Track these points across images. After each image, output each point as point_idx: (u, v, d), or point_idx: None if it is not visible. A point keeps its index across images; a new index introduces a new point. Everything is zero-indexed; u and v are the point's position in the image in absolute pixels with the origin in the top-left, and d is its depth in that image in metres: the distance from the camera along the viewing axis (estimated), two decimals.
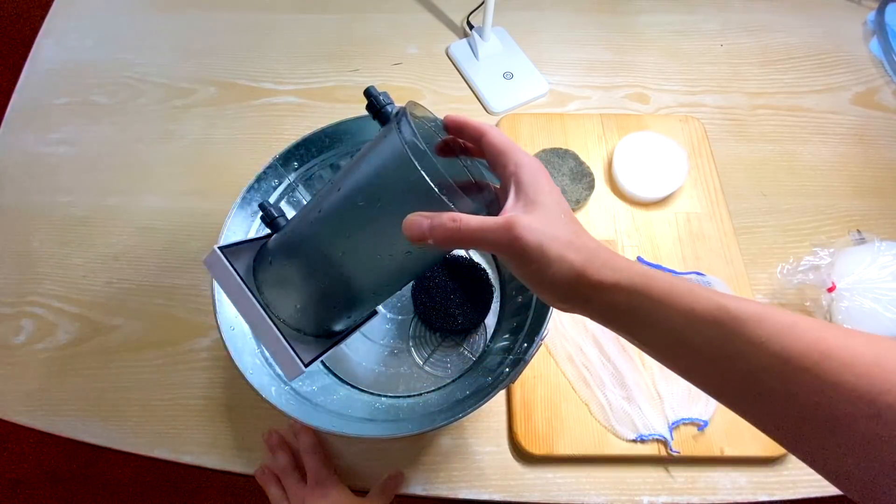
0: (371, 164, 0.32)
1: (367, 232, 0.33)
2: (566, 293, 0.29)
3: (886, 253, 0.54)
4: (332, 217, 0.34)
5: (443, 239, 0.28)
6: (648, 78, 0.75)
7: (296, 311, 0.38)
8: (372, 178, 0.32)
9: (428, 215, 0.28)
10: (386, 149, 0.31)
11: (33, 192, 0.66)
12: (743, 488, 0.50)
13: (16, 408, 0.54)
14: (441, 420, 0.40)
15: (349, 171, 0.34)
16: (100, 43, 0.78)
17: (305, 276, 0.37)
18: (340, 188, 0.33)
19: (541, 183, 0.30)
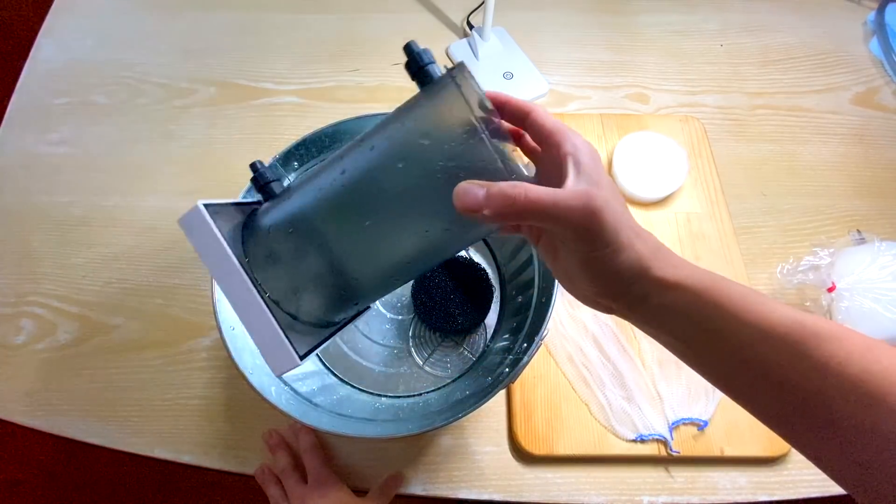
0: (418, 122, 0.28)
1: (403, 200, 0.29)
2: (624, 287, 0.27)
3: (886, 253, 0.54)
4: (361, 180, 0.29)
5: (501, 209, 0.25)
6: (648, 78, 0.75)
7: (293, 292, 0.32)
8: (417, 137, 0.28)
9: (483, 184, 0.25)
10: (439, 107, 0.27)
11: (33, 192, 0.66)
12: (743, 488, 0.50)
13: (16, 408, 0.54)
14: (441, 420, 0.40)
15: (384, 128, 0.30)
16: (100, 43, 0.78)
17: (316, 249, 0.31)
18: (374, 147, 0.29)
19: (599, 167, 0.27)
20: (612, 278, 0.27)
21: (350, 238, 0.31)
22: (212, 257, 0.31)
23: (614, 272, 0.26)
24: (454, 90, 0.27)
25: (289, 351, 0.30)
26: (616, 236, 0.25)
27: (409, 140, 0.28)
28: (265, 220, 0.33)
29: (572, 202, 0.24)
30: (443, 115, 0.27)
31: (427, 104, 0.28)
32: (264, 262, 0.31)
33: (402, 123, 0.29)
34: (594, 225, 0.25)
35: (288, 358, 0.30)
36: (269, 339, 0.30)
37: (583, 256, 0.27)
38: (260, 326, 0.30)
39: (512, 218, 0.25)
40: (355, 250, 0.31)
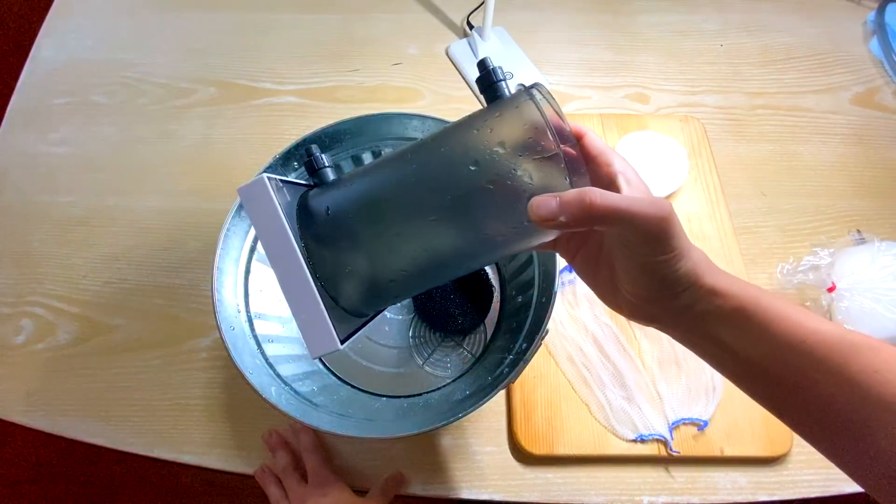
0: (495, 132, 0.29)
1: (470, 201, 0.30)
2: (675, 293, 0.28)
3: (886, 253, 0.54)
4: (431, 176, 0.30)
5: (578, 214, 0.26)
6: (648, 78, 0.75)
7: (340, 277, 0.32)
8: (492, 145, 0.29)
9: (554, 195, 0.27)
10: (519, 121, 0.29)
11: (33, 192, 0.66)
12: (743, 488, 0.50)
13: (16, 408, 0.54)
14: (441, 420, 0.40)
15: (455, 133, 0.31)
16: (100, 43, 0.78)
17: (373, 239, 0.32)
18: (446, 148, 0.30)
19: (644, 185, 0.30)
20: (667, 283, 0.28)
21: (409, 232, 0.31)
22: (267, 230, 0.31)
23: (672, 278, 0.28)
24: (534, 108, 0.28)
25: (331, 333, 0.30)
26: (679, 242, 0.27)
27: (483, 147, 0.29)
28: (323, 204, 0.33)
29: (648, 208, 0.26)
30: (522, 129, 0.29)
31: (506, 116, 0.30)
32: (316, 244, 0.32)
33: (478, 130, 0.30)
34: (666, 229, 0.26)
35: (329, 340, 0.30)
36: (313, 319, 0.31)
37: (644, 261, 0.28)
38: (305, 305, 0.31)
39: (586, 222, 0.26)
40: (412, 244, 0.31)
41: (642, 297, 0.30)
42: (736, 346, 0.28)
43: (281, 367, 0.46)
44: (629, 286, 0.30)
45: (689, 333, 0.30)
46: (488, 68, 0.31)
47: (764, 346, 0.27)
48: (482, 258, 0.34)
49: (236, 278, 0.46)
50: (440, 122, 0.49)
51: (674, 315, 0.29)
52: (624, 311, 0.32)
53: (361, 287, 0.33)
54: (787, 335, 0.27)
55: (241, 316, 0.45)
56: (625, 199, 0.26)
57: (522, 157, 0.28)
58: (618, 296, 0.31)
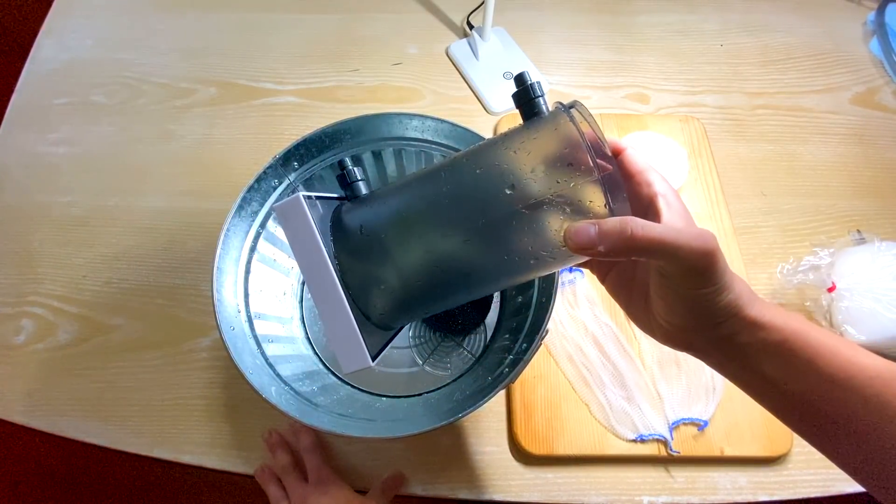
0: (532, 154, 0.29)
1: (507, 226, 0.29)
2: (715, 324, 0.28)
3: (886, 253, 0.54)
4: (468, 196, 0.30)
5: (617, 245, 0.25)
6: (648, 78, 0.75)
7: (374, 291, 0.32)
8: (529, 168, 0.28)
9: (592, 221, 0.26)
10: (556, 143, 0.28)
11: (33, 192, 0.66)
12: (743, 488, 0.50)
13: (16, 408, 0.54)
14: (441, 420, 0.40)
15: (491, 151, 0.30)
16: (100, 43, 0.78)
17: (408, 256, 0.32)
18: (480, 170, 0.30)
19: (685, 209, 0.29)
20: (707, 315, 0.27)
21: (441, 252, 0.31)
22: (303, 248, 0.31)
23: (713, 310, 0.27)
24: (574, 130, 0.27)
25: (363, 350, 0.31)
26: (723, 276, 0.26)
27: (520, 170, 0.29)
28: (357, 221, 0.33)
29: (693, 242, 0.25)
30: (561, 152, 0.28)
31: (544, 138, 0.29)
32: (349, 259, 0.32)
33: (515, 152, 0.29)
34: (711, 265, 0.26)
35: (360, 357, 0.31)
36: (346, 337, 0.31)
37: (685, 293, 0.27)
38: (338, 322, 0.31)
39: (625, 253, 0.26)
40: (443, 265, 0.31)
41: (679, 326, 0.29)
42: (779, 379, 0.28)
43: (281, 367, 0.46)
44: (665, 314, 0.29)
45: (728, 364, 0.29)
46: (526, 83, 0.30)
47: (809, 380, 0.27)
48: (514, 279, 0.34)
49: (236, 278, 0.46)
50: (440, 122, 0.49)
51: (712, 345, 0.29)
52: (658, 337, 0.31)
53: (391, 303, 0.33)
54: (835, 370, 0.26)
55: (241, 316, 0.45)
56: (668, 231, 0.25)
57: (560, 181, 0.27)
58: (652, 321, 0.30)
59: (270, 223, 0.50)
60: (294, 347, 0.52)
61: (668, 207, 0.28)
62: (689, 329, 0.29)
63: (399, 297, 0.33)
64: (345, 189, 0.36)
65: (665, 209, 0.28)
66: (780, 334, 0.27)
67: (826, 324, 0.55)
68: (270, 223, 0.50)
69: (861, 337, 0.52)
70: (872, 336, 0.52)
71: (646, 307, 0.31)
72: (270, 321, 0.49)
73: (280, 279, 0.53)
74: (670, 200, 0.28)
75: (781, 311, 0.28)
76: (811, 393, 0.27)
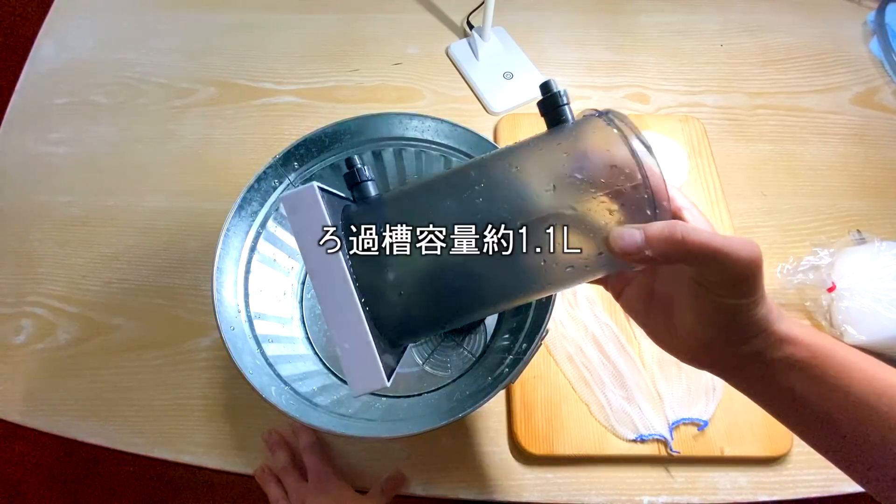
0: (571, 155, 0.28)
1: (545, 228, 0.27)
2: (745, 339, 0.27)
3: (886, 253, 0.54)
4: (501, 198, 0.28)
5: (666, 249, 0.25)
6: (648, 78, 0.75)
7: (390, 302, 0.29)
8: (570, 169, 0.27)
9: (638, 226, 0.25)
10: (599, 145, 0.27)
11: (33, 192, 0.66)
12: (743, 488, 0.50)
13: (16, 408, 0.54)
14: (441, 420, 0.40)
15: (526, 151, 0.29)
16: (100, 43, 0.78)
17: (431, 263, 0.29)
18: (516, 168, 0.28)
19: (710, 222, 0.29)
20: (739, 328, 0.27)
21: (474, 257, 0.28)
22: (312, 246, 0.28)
23: (746, 322, 0.26)
24: (616, 134, 0.27)
25: (378, 370, 0.27)
26: (763, 287, 0.26)
27: (561, 170, 0.28)
28: (373, 223, 0.30)
29: (741, 248, 0.24)
30: (604, 155, 0.27)
31: (585, 141, 0.28)
32: (361, 265, 0.28)
33: (553, 154, 0.28)
34: (755, 272, 0.25)
35: (374, 376, 0.27)
36: (359, 353, 0.27)
37: (722, 302, 0.26)
38: (351, 335, 0.27)
39: (674, 258, 0.25)
40: (472, 273, 0.29)
41: (704, 341, 0.28)
42: (806, 396, 0.27)
43: (281, 367, 0.46)
44: (693, 329, 0.28)
45: (754, 381, 0.29)
46: (553, 91, 0.29)
47: (837, 398, 0.26)
48: (545, 290, 0.31)
49: (236, 278, 0.46)
50: (440, 122, 0.49)
51: (738, 361, 0.28)
52: (681, 354, 0.30)
53: (410, 316, 0.30)
54: (864, 388, 0.26)
55: (241, 316, 0.45)
56: (717, 237, 0.24)
57: (603, 184, 0.26)
58: (674, 337, 0.29)
59: (270, 223, 0.50)
60: (294, 347, 0.52)
61: (693, 220, 0.28)
62: (717, 343, 0.28)
63: (420, 310, 0.30)
64: (352, 189, 0.33)
65: (692, 221, 0.28)
66: (808, 350, 0.27)
67: (826, 324, 0.55)
68: (270, 223, 0.50)
69: (861, 337, 0.52)
70: (872, 336, 0.52)
71: (667, 323, 0.30)
72: (270, 321, 0.49)
73: (280, 279, 0.53)
74: (695, 214, 0.28)
75: (809, 327, 0.28)
76: (838, 412, 0.26)
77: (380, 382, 0.27)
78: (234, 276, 0.46)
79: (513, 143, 0.30)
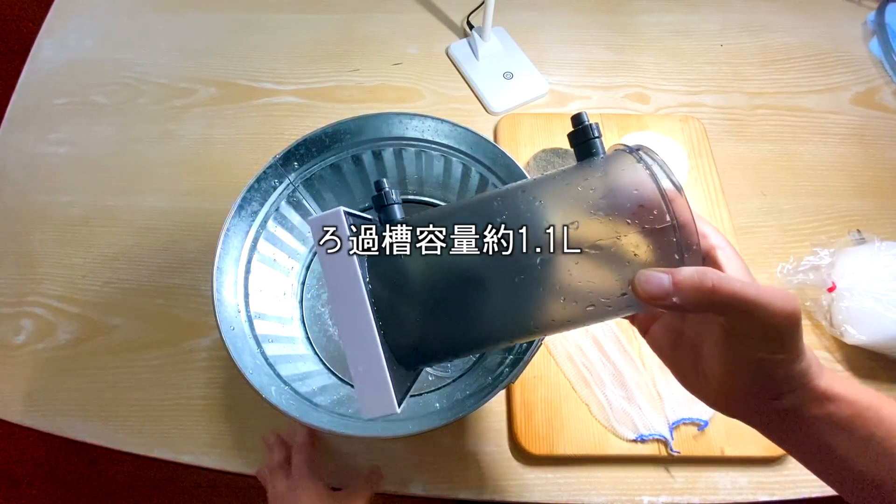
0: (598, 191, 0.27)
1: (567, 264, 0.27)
2: (780, 393, 0.25)
3: (886, 253, 0.54)
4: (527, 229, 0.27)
5: (695, 297, 0.23)
6: (648, 78, 0.75)
7: (406, 328, 0.29)
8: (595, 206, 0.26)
9: (665, 270, 0.24)
10: (627, 183, 0.27)
11: (33, 192, 0.66)
12: (743, 488, 0.50)
13: (16, 408, 0.54)
14: (441, 420, 0.40)
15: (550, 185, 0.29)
16: (100, 43, 0.78)
17: (450, 292, 0.29)
18: (539, 202, 0.28)
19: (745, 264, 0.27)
20: (774, 382, 0.25)
21: (489, 289, 0.28)
22: (335, 269, 0.28)
23: (783, 378, 0.25)
24: (645, 173, 0.26)
25: (390, 396, 0.27)
26: (801, 342, 0.24)
27: (586, 206, 0.27)
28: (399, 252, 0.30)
29: (777, 302, 0.23)
30: (632, 194, 0.26)
31: (613, 178, 0.27)
32: (381, 288, 0.28)
33: (580, 188, 0.28)
34: (792, 327, 0.23)
35: (385, 401, 0.27)
36: (372, 377, 0.27)
37: (755, 356, 0.24)
38: (366, 359, 0.27)
39: (703, 308, 0.24)
40: (490, 304, 0.28)
41: (737, 392, 0.26)
42: (850, 457, 0.25)
43: (281, 367, 0.46)
44: (724, 378, 0.26)
45: (790, 436, 0.27)
46: (584, 123, 0.29)
47: (883, 461, 0.25)
48: (563, 327, 0.30)
49: (236, 278, 0.46)
50: (440, 122, 0.49)
51: (773, 416, 0.26)
52: (709, 401, 0.28)
53: (425, 342, 0.30)
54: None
55: (241, 316, 0.45)
56: (751, 287, 0.23)
57: (629, 224, 0.25)
58: (703, 383, 0.28)
59: (270, 223, 0.50)
60: (294, 347, 0.52)
61: (728, 261, 0.26)
62: (749, 395, 0.26)
63: (436, 336, 0.30)
64: (379, 212, 0.33)
65: (726, 263, 0.26)
66: (852, 408, 0.25)
67: (826, 324, 0.55)
68: (270, 223, 0.50)
69: (861, 337, 0.52)
70: (872, 336, 0.52)
71: (695, 367, 0.28)
72: (270, 321, 0.49)
73: (280, 279, 0.53)
74: (729, 254, 0.26)
75: (852, 382, 0.26)
76: (887, 473, 0.25)
77: (391, 408, 0.27)
78: (234, 276, 0.46)
79: (540, 174, 0.30)
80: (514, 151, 0.66)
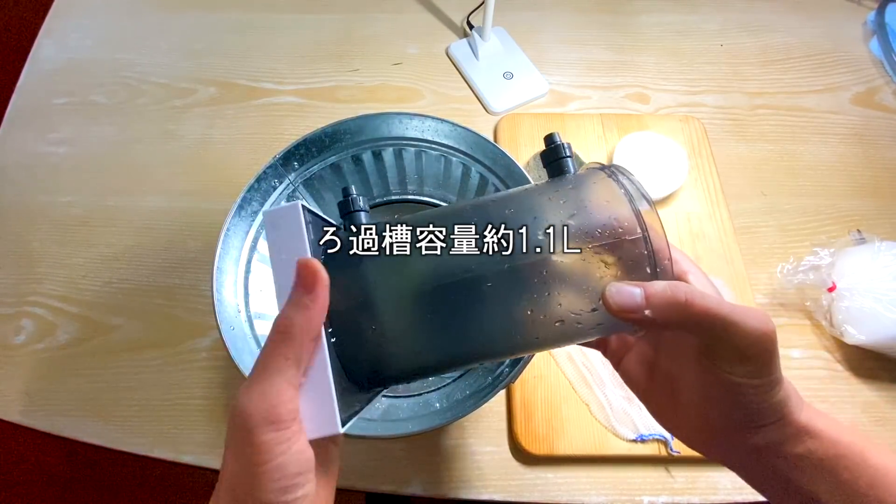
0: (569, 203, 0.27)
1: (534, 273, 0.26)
2: (758, 427, 0.24)
3: (886, 253, 0.54)
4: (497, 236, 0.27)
5: (667, 312, 0.22)
6: (648, 78, 0.75)
7: (364, 342, 0.27)
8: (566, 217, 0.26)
9: (637, 284, 0.23)
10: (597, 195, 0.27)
11: (33, 192, 0.66)
12: (743, 488, 0.50)
13: (16, 408, 0.54)
14: (441, 420, 0.40)
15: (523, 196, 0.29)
16: (100, 43, 0.78)
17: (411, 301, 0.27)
18: (510, 210, 0.27)
19: (718, 290, 0.26)
20: (754, 414, 0.24)
21: (458, 297, 0.27)
22: (285, 267, 0.26)
23: (761, 408, 0.24)
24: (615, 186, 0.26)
25: (333, 413, 0.24)
26: (777, 368, 0.23)
27: (556, 216, 0.27)
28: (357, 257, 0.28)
29: (752, 319, 0.22)
30: (602, 205, 0.26)
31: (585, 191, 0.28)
32: (336, 297, 0.26)
33: (550, 199, 0.28)
34: (769, 349, 0.22)
35: (329, 422, 0.25)
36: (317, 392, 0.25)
37: (729, 382, 0.23)
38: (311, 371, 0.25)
39: (675, 324, 0.23)
40: (453, 315, 0.27)
41: (712, 425, 0.25)
42: (832, 502, 0.24)
43: None
44: (701, 408, 0.25)
45: (770, 478, 0.26)
46: (556, 143, 0.30)
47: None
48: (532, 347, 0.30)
49: (236, 278, 0.46)
50: (440, 122, 0.49)
51: (751, 453, 0.25)
52: (687, 439, 0.27)
53: (380, 359, 0.28)
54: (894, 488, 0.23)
55: (241, 316, 0.45)
56: (724, 304, 0.22)
57: (599, 234, 0.25)
58: (680, 418, 0.27)
59: None
60: None
61: (699, 286, 0.25)
62: (727, 428, 0.25)
63: (392, 353, 0.28)
64: (343, 217, 0.31)
65: (698, 287, 0.25)
66: (836, 448, 0.24)
67: (826, 323, 0.55)
68: None
69: (861, 337, 0.52)
70: (872, 336, 0.52)
71: (672, 402, 0.27)
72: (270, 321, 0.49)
73: None
74: (701, 279, 0.25)
75: (833, 419, 0.25)
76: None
77: (333, 429, 0.24)
78: (234, 276, 0.46)
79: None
80: (514, 151, 0.66)
